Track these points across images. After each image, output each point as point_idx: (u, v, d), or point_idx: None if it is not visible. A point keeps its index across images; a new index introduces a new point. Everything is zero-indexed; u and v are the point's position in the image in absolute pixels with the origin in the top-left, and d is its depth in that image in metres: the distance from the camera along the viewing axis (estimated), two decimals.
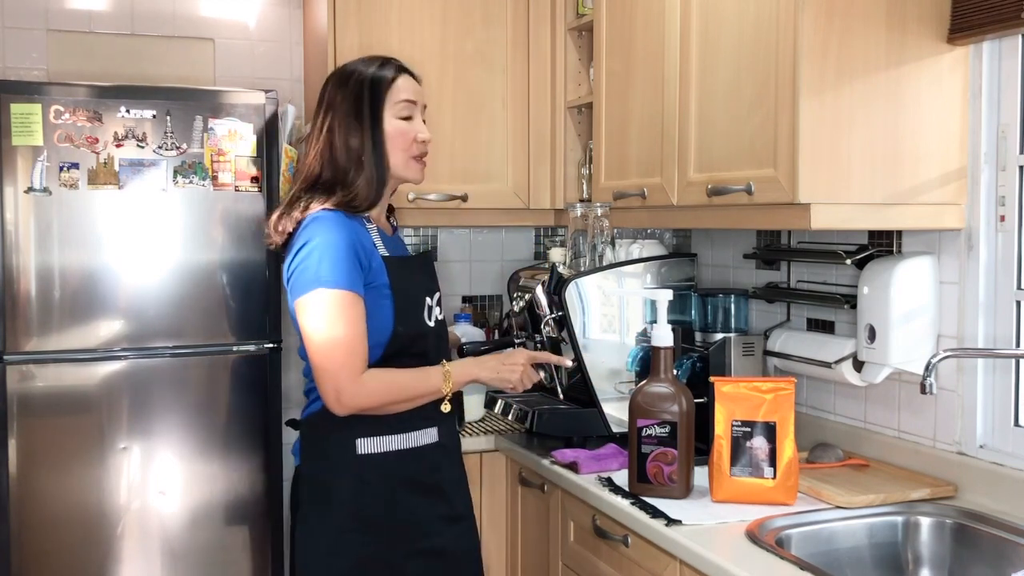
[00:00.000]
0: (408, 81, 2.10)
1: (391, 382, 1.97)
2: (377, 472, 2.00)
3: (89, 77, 3.12)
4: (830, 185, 1.98)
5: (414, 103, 2.09)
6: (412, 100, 2.08)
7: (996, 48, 2.06)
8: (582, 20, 3.06)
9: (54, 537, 2.81)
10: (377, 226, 2.09)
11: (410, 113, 2.08)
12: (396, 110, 2.06)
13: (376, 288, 1.98)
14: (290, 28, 3.43)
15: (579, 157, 3.19)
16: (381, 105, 2.05)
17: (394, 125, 2.06)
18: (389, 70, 2.08)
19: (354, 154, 2.03)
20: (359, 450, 2.00)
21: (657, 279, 2.66)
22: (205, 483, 2.95)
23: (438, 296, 2.14)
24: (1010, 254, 2.06)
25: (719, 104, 2.21)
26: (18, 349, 2.78)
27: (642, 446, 2.11)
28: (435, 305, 2.11)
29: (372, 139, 2.04)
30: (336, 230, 1.95)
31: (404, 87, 2.08)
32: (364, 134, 2.03)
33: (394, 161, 2.06)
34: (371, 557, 1.99)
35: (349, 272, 1.93)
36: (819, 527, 1.98)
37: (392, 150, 2.06)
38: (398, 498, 2.02)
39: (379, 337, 1.98)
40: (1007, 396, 2.07)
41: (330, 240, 1.93)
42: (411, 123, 2.08)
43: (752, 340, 2.55)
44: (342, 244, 1.93)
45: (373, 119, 2.04)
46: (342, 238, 1.94)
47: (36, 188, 2.76)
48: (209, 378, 2.95)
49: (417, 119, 2.10)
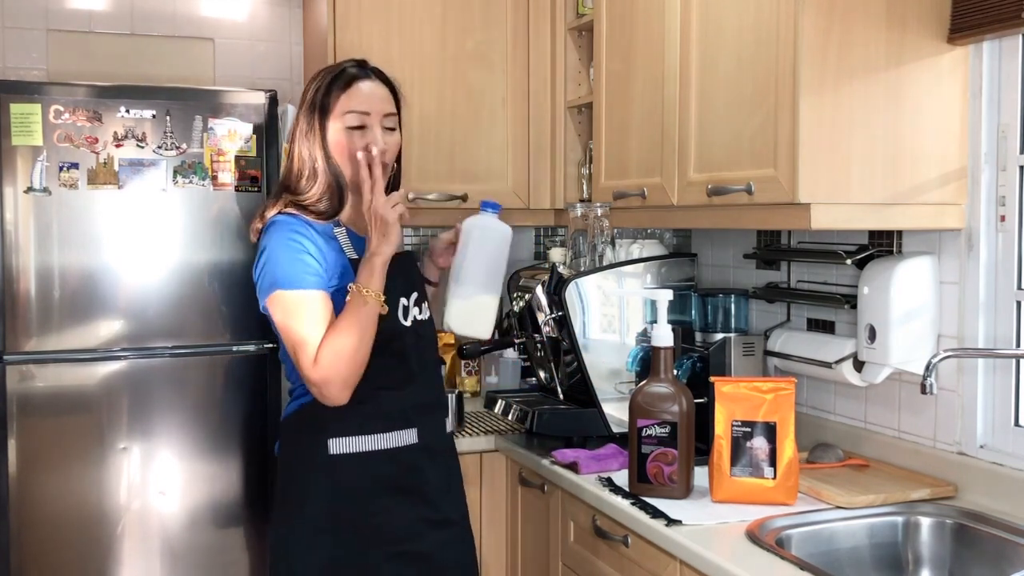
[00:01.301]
0: (367, 87, 2.03)
1: (336, 343, 1.88)
2: (350, 473, 1.98)
3: (89, 77, 3.12)
4: (830, 185, 1.98)
5: (366, 114, 2.01)
6: (363, 111, 2.00)
7: (996, 48, 2.06)
8: (582, 20, 3.06)
9: (54, 537, 2.81)
10: (349, 228, 2.05)
11: (361, 123, 2.01)
12: (345, 119, 2.00)
13: (340, 291, 1.96)
14: (290, 28, 3.43)
15: (579, 157, 3.19)
16: (327, 111, 2.00)
17: (339, 135, 2.00)
18: (343, 78, 2.02)
19: (308, 162, 2.01)
20: (331, 450, 1.98)
21: (657, 279, 2.66)
22: (205, 483, 2.95)
23: (416, 296, 2.08)
24: (1010, 254, 2.06)
25: (719, 104, 2.21)
26: (18, 349, 2.78)
27: (642, 446, 2.11)
28: (412, 305, 2.06)
29: (322, 148, 2.00)
30: (288, 231, 1.95)
31: (357, 94, 2.01)
32: (314, 143, 2.01)
33: (345, 170, 2.02)
34: (344, 558, 1.97)
35: (302, 270, 1.92)
36: (819, 527, 1.98)
37: (339, 159, 2.01)
38: (372, 499, 1.99)
39: None
40: (1007, 396, 2.07)
41: (280, 242, 1.94)
42: (362, 132, 2.01)
43: (752, 340, 2.55)
44: (293, 245, 1.93)
45: (321, 128, 2.00)
46: (293, 239, 1.94)
47: (36, 188, 2.76)
48: (209, 378, 2.95)
49: (372, 128, 2.01)
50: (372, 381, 1.97)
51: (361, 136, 2.01)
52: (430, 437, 2.07)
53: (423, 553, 2.03)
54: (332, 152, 2.01)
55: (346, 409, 1.94)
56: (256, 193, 2.95)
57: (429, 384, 2.11)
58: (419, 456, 2.04)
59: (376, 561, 1.99)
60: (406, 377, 2.03)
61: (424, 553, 2.04)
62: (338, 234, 2.02)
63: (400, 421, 2.02)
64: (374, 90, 2.04)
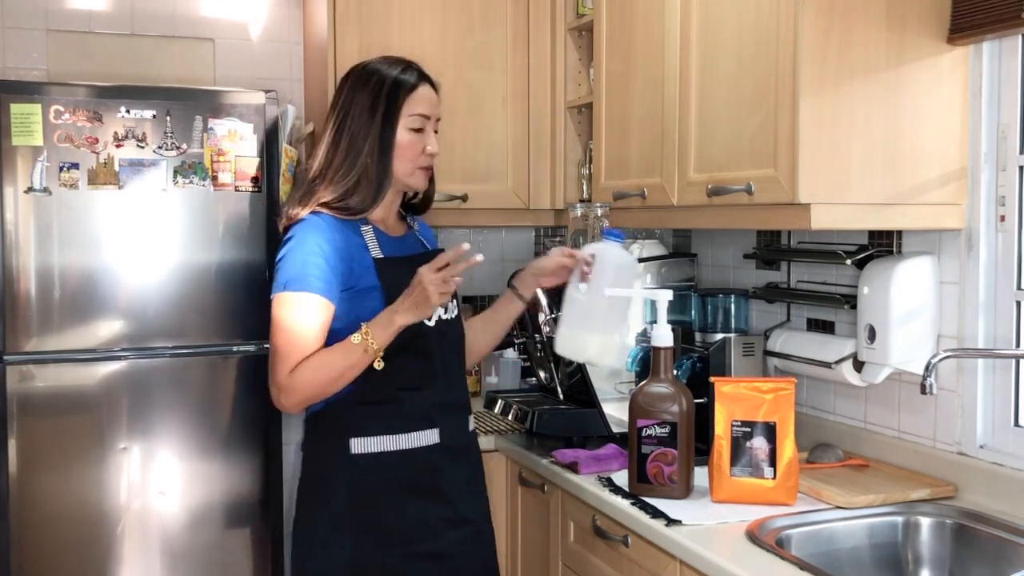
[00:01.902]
0: (427, 92, 2.09)
1: (318, 369, 1.93)
2: (370, 473, 2.01)
3: (89, 77, 3.12)
4: (830, 185, 1.98)
5: (427, 117, 2.07)
6: (426, 115, 2.07)
7: (996, 48, 2.06)
8: (582, 20, 3.06)
9: (54, 537, 2.81)
10: (376, 227, 2.08)
11: (422, 125, 2.07)
12: (409, 121, 2.05)
13: (364, 290, 1.99)
14: (290, 28, 3.43)
15: (579, 157, 3.19)
16: (397, 112, 2.04)
17: (405, 135, 2.05)
18: (411, 76, 2.07)
19: (358, 156, 2.02)
20: (352, 450, 2.00)
21: (657, 279, 2.66)
22: (205, 483, 2.95)
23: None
24: (1010, 254, 2.06)
25: (719, 104, 2.21)
26: (18, 349, 2.78)
27: (642, 446, 2.11)
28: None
29: (380, 144, 2.03)
30: (310, 236, 1.97)
31: (421, 98, 2.07)
32: (373, 138, 2.03)
33: (399, 169, 2.06)
34: (364, 557, 1.99)
35: (309, 275, 1.95)
36: (819, 527, 1.98)
37: (398, 159, 2.05)
38: (393, 499, 2.01)
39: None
40: (1007, 396, 2.07)
41: (299, 243, 1.97)
42: (421, 135, 2.07)
43: (752, 340, 2.55)
44: (308, 248, 1.96)
45: (385, 124, 2.03)
46: (314, 243, 1.96)
47: (36, 188, 2.76)
48: (209, 378, 2.95)
49: (429, 131, 2.08)
50: (395, 381, 2.00)
51: (419, 139, 2.06)
52: (452, 437, 2.09)
53: (442, 553, 2.05)
54: (396, 150, 2.03)
55: (368, 409, 1.99)
56: (256, 193, 2.95)
57: (453, 383, 2.12)
58: (440, 456, 2.06)
59: (396, 560, 2.01)
60: (429, 377, 2.04)
61: (443, 553, 2.05)
62: (364, 232, 2.05)
63: (422, 421, 2.04)
64: (431, 94, 2.10)
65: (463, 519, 2.10)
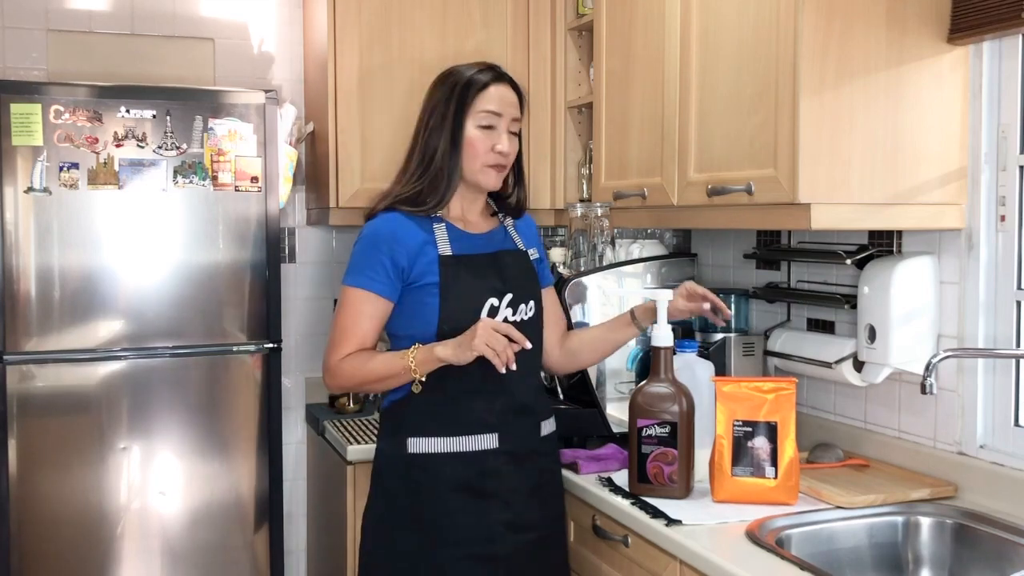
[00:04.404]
0: (500, 91, 2.11)
1: (361, 366, 2.05)
2: (425, 472, 2.05)
3: (89, 77, 3.12)
4: (830, 185, 1.98)
5: (498, 115, 2.09)
6: (496, 112, 2.09)
7: (996, 48, 2.06)
8: (582, 20, 3.06)
9: (54, 537, 2.82)
10: (451, 224, 2.12)
11: (492, 123, 2.09)
12: (478, 118, 2.08)
13: (423, 287, 2.05)
14: (290, 28, 3.43)
15: (579, 157, 3.19)
16: (465, 110, 2.08)
17: (474, 132, 2.08)
18: (484, 76, 2.10)
19: (431, 154, 2.09)
20: (409, 448, 2.07)
21: (657, 279, 2.66)
22: (205, 483, 2.95)
23: (510, 297, 2.10)
24: (1010, 254, 2.06)
25: (719, 104, 2.21)
26: (18, 349, 2.78)
27: (642, 446, 2.11)
28: (504, 306, 2.08)
29: (450, 142, 2.08)
30: (377, 232, 2.07)
31: (492, 96, 2.09)
32: (444, 136, 2.08)
33: (468, 167, 2.10)
34: (420, 553, 2.05)
35: (370, 272, 2.05)
36: (819, 527, 1.98)
37: (467, 156, 2.09)
38: (445, 500, 2.05)
39: (424, 334, 2.03)
40: (1007, 396, 2.07)
41: (365, 241, 2.08)
42: (491, 132, 2.09)
43: (752, 340, 2.55)
44: (374, 247, 2.06)
45: (455, 122, 2.08)
46: (378, 240, 2.06)
47: (36, 188, 2.76)
48: (209, 378, 2.95)
49: (500, 130, 2.10)
50: (456, 384, 2.03)
51: (488, 136, 2.09)
52: (514, 442, 2.10)
53: (499, 556, 2.06)
54: (461, 146, 2.08)
55: (427, 410, 2.05)
56: (256, 193, 2.95)
57: (519, 388, 2.11)
58: (499, 460, 2.08)
59: (447, 560, 2.04)
60: (492, 381, 2.02)
61: (500, 556, 2.06)
62: (437, 229, 2.10)
63: (480, 426, 2.06)
64: (506, 94, 2.13)
65: (525, 524, 2.10)
